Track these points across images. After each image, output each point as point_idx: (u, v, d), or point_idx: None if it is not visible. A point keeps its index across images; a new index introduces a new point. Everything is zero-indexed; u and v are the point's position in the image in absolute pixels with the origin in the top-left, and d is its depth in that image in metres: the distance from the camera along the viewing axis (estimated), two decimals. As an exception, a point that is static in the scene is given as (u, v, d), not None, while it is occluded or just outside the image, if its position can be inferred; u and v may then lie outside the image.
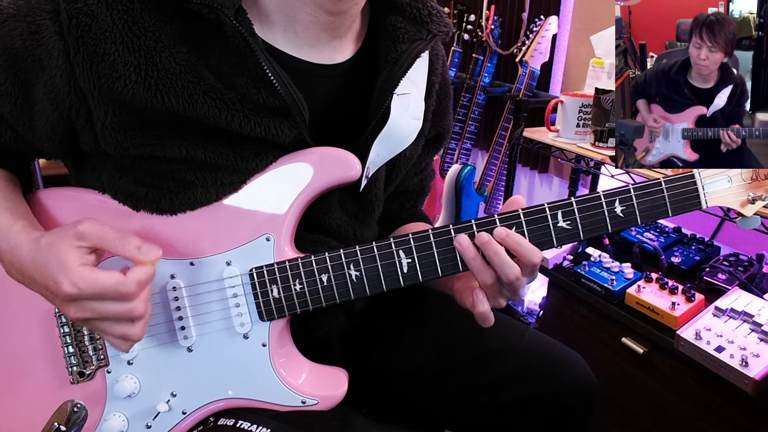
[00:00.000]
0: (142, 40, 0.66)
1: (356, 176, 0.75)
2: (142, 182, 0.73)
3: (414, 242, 0.73)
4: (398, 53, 0.77)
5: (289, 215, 0.75)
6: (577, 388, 0.89)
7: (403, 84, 0.77)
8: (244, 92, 0.69)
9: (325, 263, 0.74)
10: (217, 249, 0.75)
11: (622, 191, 0.71)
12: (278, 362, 0.77)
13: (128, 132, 0.69)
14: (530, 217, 0.71)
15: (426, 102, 0.86)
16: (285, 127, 0.72)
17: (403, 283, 0.74)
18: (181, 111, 0.68)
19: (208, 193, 0.73)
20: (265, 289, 0.75)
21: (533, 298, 2.38)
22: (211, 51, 0.68)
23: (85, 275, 0.63)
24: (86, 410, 0.76)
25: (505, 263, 0.69)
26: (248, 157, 0.73)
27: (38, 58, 0.67)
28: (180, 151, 0.70)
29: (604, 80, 1.75)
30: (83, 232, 0.65)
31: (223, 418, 0.74)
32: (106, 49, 0.65)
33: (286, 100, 0.70)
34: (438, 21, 0.81)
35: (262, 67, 0.68)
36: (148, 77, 0.66)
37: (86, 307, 0.64)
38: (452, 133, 2.51)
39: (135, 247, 0.65)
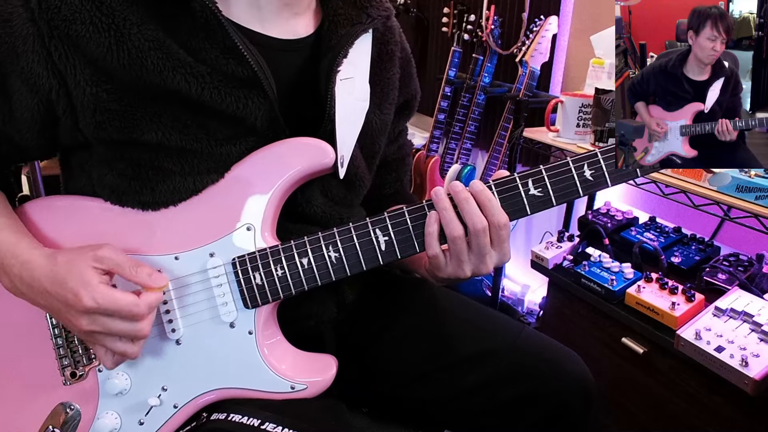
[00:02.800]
0: (111, 19, 0.69)
1: (331, 163, 0.78)
2: (125, 174, 0.75)
3: (389, 220, 0.76)
4: (338, 37, 0.80)
5: (268, 204, 0.77)
6: (574, 387, 0.89)
7: (346, 68, 0.80)
8: (214, 64, 0.72)
9: (304, 247, 0.76)
10: (200, 242, 0.77)
11: (590, 155, 0.74)
12: (265, 349, 0.78)
13: (106, 113, 0.71)
14: (502, 187, 0.74)
15: (388, 71, 0.90)
16: (255, 98, 0.74)
17: (382, 260, 0.76)
18: (153, 86, 0.70)
19: (186, 181, 0.75)
20: (247, 276, 0.76)
21: (533, 298, 2.38)
22: (178, 27, 0.72)
23: (104, 292, 0.68)
24: (80, 411, 0.76)
25: (474, 212, 0.72)
26: (222, 141, 0.75)
27: (12, 46, 0.69)
28: (156, 135, 0.72)
29: (604, 80, 1.75)
30: (102, 256, 0.70)
31: (216, 413, 0.75)
32: (77, 30, 0.68)
33: (255, 69, 0.73)
34: (378, 5, 0.85)
35: (231, 39, 0.72)
36: (120, 55, 0.69)
37: (98, 321, 0.68)
38: (452, 133, 2.51)
39: (146, 275, 0.71)
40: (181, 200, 0.76)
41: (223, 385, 0.77)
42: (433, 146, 2.62)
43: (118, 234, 0.77)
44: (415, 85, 1.00)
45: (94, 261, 0.70)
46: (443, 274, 0.77)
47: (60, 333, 0.78)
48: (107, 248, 0.71)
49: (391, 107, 0.93)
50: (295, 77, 0.80)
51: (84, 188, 0.80)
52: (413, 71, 0.99)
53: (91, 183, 0.79)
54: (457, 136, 2.51)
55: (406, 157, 1.06)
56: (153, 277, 0.72)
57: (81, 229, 0.78)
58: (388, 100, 0.92)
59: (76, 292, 0.67)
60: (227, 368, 0.77)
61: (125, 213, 0.77)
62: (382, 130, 0.92)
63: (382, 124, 0.91)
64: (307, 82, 0.81)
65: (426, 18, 2.84)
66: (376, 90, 0.89)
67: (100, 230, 0.77)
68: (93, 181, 0.78)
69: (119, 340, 0.70)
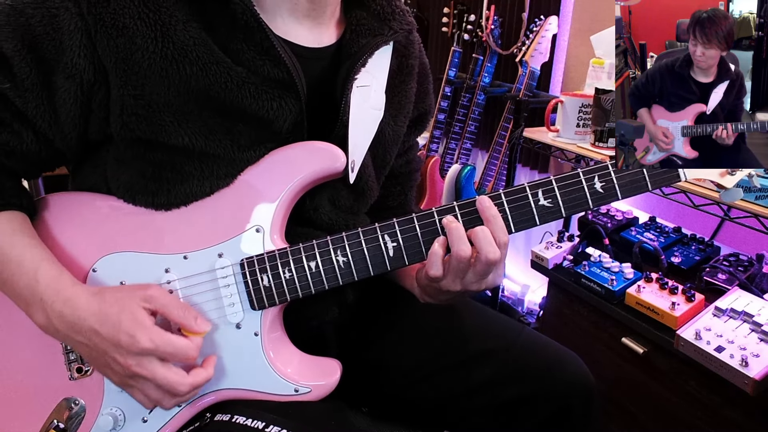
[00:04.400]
0: (157, 15, 0.70)
1: (341, 168, 0.78)
2: (143, 174, 0.75)
3: (398, 226, 0.76)
4: (359, 47, 0.81)
5: (278, 207, 0.77)
6: (575, 388, 0.89)
7: (363, 76, 0.80)
8: (250, 65, 0.73)
9: (312, 250, 0.76)
10: (209, 242, 0.77)
11: (600, 168, 0.73)
12: (270, 351, 0.78)
13: (133, 116, 0.72)
14: (512, 197, 0.74)
15: (406, 84, 0.91)
16: (288, 100, 0.75)
17: (390, 266, 0.76)
18: (189, 85, 0.71)
19: (203, 185, 0.76)
20: (255, 278, 0.76)
21: (533, 298, 2.38)
22: (217, 29, 0.73)
23: (161, 334, 0.68)
24: (84, 407, 0.77)
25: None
26: (244, 147, 0.76)
27: (59, 42, 0.69)
28: (183, 139, 0.73)
29: (604, 80, 1.75)
30: (152, 296, 0.70)
31: (219, 414, 0.75)
32: (125, 23, 0.69)
33: (290, 71, 0.74)
34: (401, 19, 0.86)
35: (270, 40, 0.73)
36: (165, 48, 0.70)
37: (148, 365, 0.68)
38: (452, 133, 2.51)
39: (193, 318, 0.71)
40: (193, 201, 0.76)
41: (227, 386, 0.77)
42: (433, 146, 2.62)
43: (129, 231, 0.77)
44: (430, 100, 1.00)
45: (143, 301, 0.69)
46: (439, 287, 0.77)
47: None
48: (155, 288, 0.71)
49: (406, 120, 0.94)
50: (316, 85, 0.81)
51: (96, 185, 0.79)
52: (430, 87, 1.00)
53: (104, 180, 0.78)
54: (457, 136, 2.51)
55: (413, 172, 1.06)
56: (198, 321, 0.72)
57: (91, 226, 0.78)
58: (403, 112, 0.92)
59: (132, 333, 0.66)
60: (232, 368, 0.77)
61: (136, 211, 0.77)
62: (395, 141, 0.92)
63: (395, 135, 0.91)
64: (326, 89, 0.82)
65: (426, 18, 2.84)
66: (393, 101, 0.89)
67: (110, 227, 0.77)
68: (107, 178, 0.78)
69: (157, 389, 0.69)
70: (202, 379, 0.71)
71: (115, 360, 0.68)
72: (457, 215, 0.74)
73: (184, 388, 0.69)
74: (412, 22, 0.89)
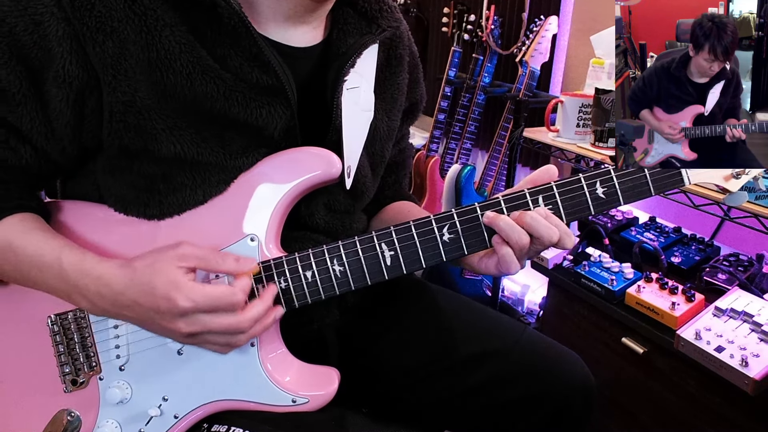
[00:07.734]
0: (143, 19, 0.68)
1: (337, 174, 0.77)
2: (135, 185, 0.73)
3: (395, 234, 0.74)
4: (347, 46, 0.80)
5: (273, 216, 0.76)
6: (575, 388, 0.89)
7: (352, 77, 0.79)
8: (238, 72, 0.71)
9: (308, 260, 0.75)
10: None
11: (602, 173, 0.72)
12: (267, 361, 0.77)
13: (128, 122, 0.70)
14: (512, 203, 0.73)
15: (398, 76, 0.90)
16: (278, 107, 0.74)
17: (387, 275, 0.75)
18: (177, 92, 0.69)
19: (196, 194, 0.74)
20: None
21: (533, 298, 2.38)
22: (203, 34, 0.70)
23: (198, 289, 0.66)
24: (80, 419, 0.76)
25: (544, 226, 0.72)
26: (236, 154, 0.74)
27: (47, 49, 0.66)
28: (174, 147, 0.71)
29: (604, 80, 1.75)
30: (185, 254, 0.68)
31: (216, 424, 0.75)
32: (113, 27, 0.67)
33: (279, 77, 0.72)
34: (388, 16, 0.84)
35: (258, 46, 0.71)
36: (150, 54, 0.68)
37: (198, 321, 0.67)
38: (452, 133, 2.51)
39: (234, 260, 0.70)
40: (186, 210, 0.75)
41: (224, 397, 0.76)
42: (433, 146, 2.62)
43: (122, 242, 0.75)
44: (421, 89, 1.00)
45: (177, 260, 0.67)
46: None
47: (61, 340, 0.77)
48: (186, 245, 0.69)
49: (399, 113, 0.93)
50: (306, 85, 0.79)
51: (88, 194, 0.78)
52: (420, 76, 0.99)
53: (96, 189, 0.77)
54: (457, 136, 2.51)
55: (406, 159, 1.06)
56: (240, 262, 0.70)
57: (84, 234, 0.77)
58: (396, 106, 0.91)
59: (169, 296, 0.65)
60: (229, 380, 0.76)
61: (129, 221, 0.75)
62: (390, 136, 0.92)
63: (389, 130, 0.91)
64: (316, 89, 0.80)
65: (426, 18, 2.84)
66: (385, 96, 0.88)
67: (102, 237, 0.76)
68: (99, 187, 0.76)
69: (223, 336, 0.68)
70: (259, 311, 0.69)
71: (165, 326, 0.68)
72: (455, 222, 0.74)
73: (247, 324, 0.68)
74: (400, 18, 0.88)
